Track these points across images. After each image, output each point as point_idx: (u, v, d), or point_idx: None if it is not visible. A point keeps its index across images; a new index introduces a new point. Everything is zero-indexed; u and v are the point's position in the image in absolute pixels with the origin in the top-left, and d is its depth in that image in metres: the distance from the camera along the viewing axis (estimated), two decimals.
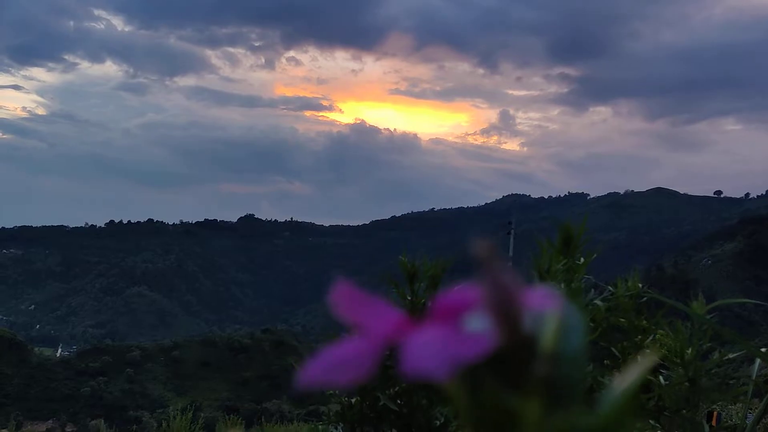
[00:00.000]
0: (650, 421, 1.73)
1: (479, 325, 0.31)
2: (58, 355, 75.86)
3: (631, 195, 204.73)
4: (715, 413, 2.00)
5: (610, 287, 1.75)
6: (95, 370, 56.21)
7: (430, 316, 0.31)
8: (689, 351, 1.68)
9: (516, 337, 0.30)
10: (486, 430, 0.30)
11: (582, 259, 1.68)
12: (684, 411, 1.70)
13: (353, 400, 1.80)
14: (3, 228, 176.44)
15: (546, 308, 0.32)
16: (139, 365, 58.80)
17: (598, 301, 1.69)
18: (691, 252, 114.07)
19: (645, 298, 1.75)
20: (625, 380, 0.32)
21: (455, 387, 0.31)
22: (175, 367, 59.57)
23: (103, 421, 24.67)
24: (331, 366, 0.30)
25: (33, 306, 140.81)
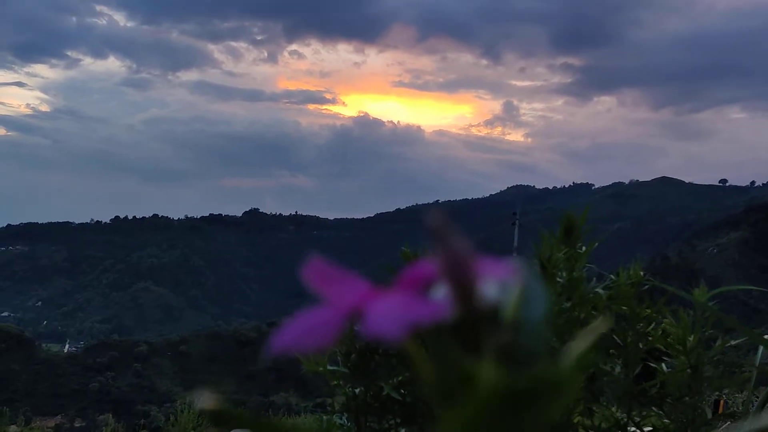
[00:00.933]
0: (653, 408, 1.74)
1: (442, 293, 0.32)
2: (65, 350, 76.12)
3: (635, 184, 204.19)
4: (721, 401, 2.01)
5: (612, 276, 1.76)
6: (103, 366, 56.38)
7: (395, 286, 0.34)
8: (691, 338, 1.69)
9: (472, 304, 0.32)
10: (445, 391, 0.32)
11: (584, 249, 1.69)
12: (687, 398, 1.71)
13: (357, 391, 1.81)
14: (9, 225, 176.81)
15: (506, 278, 0.33)
16: (146, 360, 58.95)
17: (600, 290, 1.70)
18: (696, 241, 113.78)
19: (647, 286, 1.76)
20: (578, 344, 0.33)
21: (416, 350, 0.33)
22: (182, 361, 59.71)
23: (111, 415, 24.77)
24: (300, 333, 0.32)
25: (40, 302, 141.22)
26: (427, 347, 0.33)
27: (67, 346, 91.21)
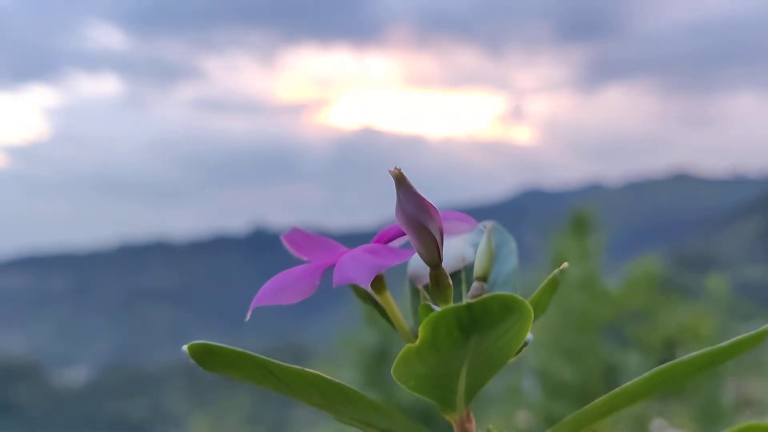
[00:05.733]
0: (672, 399, 1.73)
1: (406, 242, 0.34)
2: (77, 378, 76.04)
3: (648, 176, 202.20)
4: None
5: (625, 269, 1.76)
6: (116, 391, 56.36)
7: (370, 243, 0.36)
8: (708, 327, 1.69)
9: (436, 251, 0.33)
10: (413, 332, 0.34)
11: (596, 245, 1.68)
12: (705, 387, 1.71)
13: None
14: (15, 253, 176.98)
15: (471, 230, 0.35)
16: (159, 382, 58.90)
17: (613, 285, 1.69)
18: (712, 230, 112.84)
19: (662, 278, 1.76)
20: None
21: (387, 299, 0.35)
22: (196, 381, 59.59)
23: None
24: (277, 287, 0.35)
25: (49, 330, 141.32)
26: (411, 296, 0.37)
27: (79, 373, 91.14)
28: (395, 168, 0.34)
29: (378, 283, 0.35)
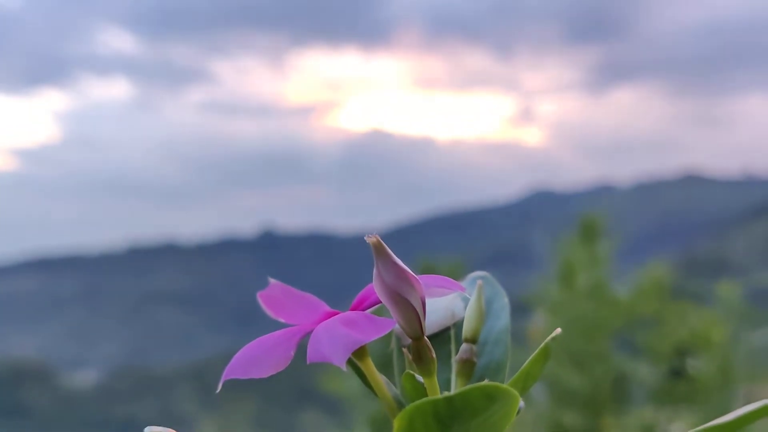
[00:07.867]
0: (683, 405, 1.70)
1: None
2: (86, 380, 76.21)
3: (658, 178, 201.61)
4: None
5: (635, 275, 1.73)
6: (125, 393, 56.46)
7: (349, 308, 0.33)
8: (719, 334, 1.65)
9: (416, 321, 0.31)
10: (396, 405, 0.32)
11: (606, 251, 1.65)
12: (716, 394, 1.67)
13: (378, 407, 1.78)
14: (24, 256, 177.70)
15: (457, 293, 0.33)
16: (168, 385, 58.99)
17: (623, 291, 1.66)
18: (723, 233, 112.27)
19: (672, 285, 1.72)
20: (530, 356, 0.32)
21: (369, 367, 0.33)
22: (205, 384, 59.65)
23: None
24: (249, 359, 0.32)
25: (58, 333, 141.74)
26: (396, 363, 0.35)
27: (88, 376, 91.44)
28: (373, 235, 0.32)
29: (358, 351, 0.32)
